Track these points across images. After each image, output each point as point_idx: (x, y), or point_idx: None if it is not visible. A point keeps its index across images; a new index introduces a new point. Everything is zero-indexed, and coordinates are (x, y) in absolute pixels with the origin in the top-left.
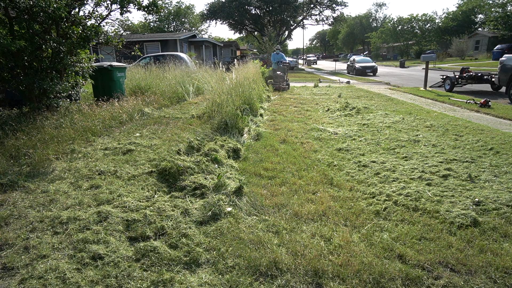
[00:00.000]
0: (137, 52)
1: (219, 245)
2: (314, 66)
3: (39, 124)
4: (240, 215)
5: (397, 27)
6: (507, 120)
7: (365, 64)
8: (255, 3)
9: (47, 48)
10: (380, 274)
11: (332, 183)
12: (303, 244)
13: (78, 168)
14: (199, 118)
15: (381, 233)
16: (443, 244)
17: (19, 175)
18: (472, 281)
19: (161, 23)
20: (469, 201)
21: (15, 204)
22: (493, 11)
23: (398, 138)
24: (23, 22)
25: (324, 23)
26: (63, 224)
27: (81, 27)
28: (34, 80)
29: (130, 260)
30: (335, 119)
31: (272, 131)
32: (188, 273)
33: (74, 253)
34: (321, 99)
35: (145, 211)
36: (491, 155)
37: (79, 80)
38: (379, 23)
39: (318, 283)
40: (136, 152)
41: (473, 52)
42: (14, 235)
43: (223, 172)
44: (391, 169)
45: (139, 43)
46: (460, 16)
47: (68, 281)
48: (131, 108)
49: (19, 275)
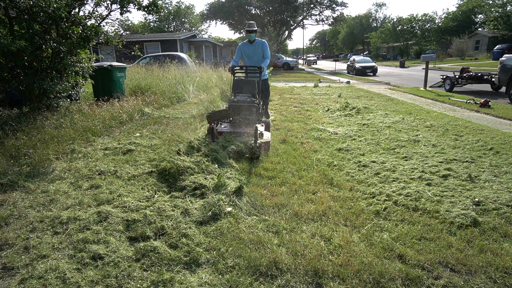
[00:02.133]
0: (137, 52)
1: (219, 245)
2: (314, 66)
3: (39, 124)
4: (240, 215)
5: (397, 27)
6: (507, 120)
7: (365, 64)
8: (255, 3)
9: (47, 48)
10: (380, 274)
11: (332, 183)
12: (303, 244)
13: (78, 168)
14: (199, 118)
15: (381, 233)
16: (443, 244)
17: (19, 175)
18: (472, 281)
19: (161, 23)
20: (469, 201)
21: (15, 204)
22: (493, 11)
23: (398, 138)
24: (23, 22)
25: (324, 23)
26: (63, 224)
27: (81, 27)
28: (34, 80)
29: (130, 260)
30: (335, 119)
31: (272, 131)
32: (188, 273)
33: (74, 253)
34: (321, 99)
35: (145, 211)
36: (491, 155)
37: (79, 80)
38: (379, 23)
39: (318, 283)
40: (136, 152)
41: (473, 52)
42: (14, 235)
43: (223, 172)
44: (391, 169)
45: (139, 43)
46: (460, 16)
47: (68, 281)
48: (131, 108)
49: (19, 275)
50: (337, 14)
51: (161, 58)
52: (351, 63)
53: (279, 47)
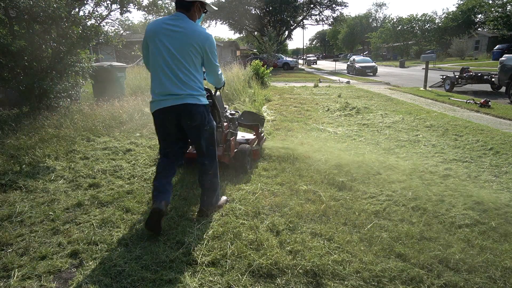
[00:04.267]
0: (137, 52)
1: (219, 245)
2: (314, 66)
3: (39, 124)
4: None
5: (397, 27)
6: (507, 120)
7: (365, 64)
8: (255, 3)
9: (47, 48)
10: (380, 274)
11: (332, 183)
12: (303, 244)
13: (78, 168)
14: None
15: (381, 233)
16: (443, 244)
17: (19, 175)
18: (472, 281)
19: None
20: (469, 201)
21: (15, 204)
22: (493, 11)
23: (398, 138)
24: (23, 22)
25: (324, 23)
26: (63, 224)
27: (81, 27)
28: (34, 80)
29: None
30: (335, 119)
31: (272, 131)
32: (188, 273)
33: (74, 254)
34: (321, 99)
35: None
36: (491, 155)
37: (79, 80)
38: (379, 23)
39: (318, 282)
40: (136, 152)
41: (473, 52)
42: (14, 235)
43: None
44: (391, 169)
45: (139, 43)
46: (460, 16)
47: (69, 281)
48: (131, 108)
49: (19, 275)
50: (337, 14)
51: None
52: (351, 63)
53: (279, 47)
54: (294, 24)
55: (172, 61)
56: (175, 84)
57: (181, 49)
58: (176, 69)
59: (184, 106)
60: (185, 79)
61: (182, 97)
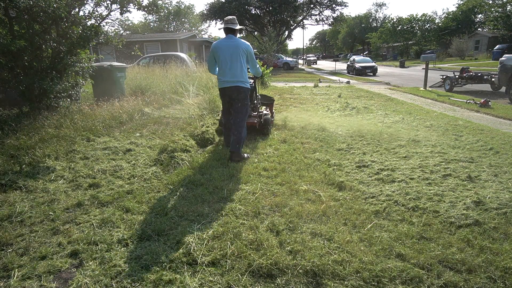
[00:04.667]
0: (137, 52)
1: (219, 245)
2: (314, 66)
3: (39, 124)
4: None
5: (397, 27)
6: (507, 120)
7: (365, 64)
8: (255, 3)
9: (47, 48)
10: (380, 274)
11: (332, 183)
12: (303, 244)
13: (78, 168)
14: (199, 118)
15: (381, 232)
16: (443, 244)
17: (19, 175)
18: (472, 281)
19: (161, 23)
20: (469, 201)
21: (15, 204)
22: (493, 11)
23: (398, 138)
24: (23, 22)
25: (324, 23)
26: (63, 224)
27: (81, 27)
28: (34, 80)
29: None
30: (335, 119)
31: (272, 131)
32: (188, 273)
33: (74, 254)
34: (321, 99)
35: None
36: (491, 155)
37: (79, 80)
38: (379, 23)
39: (318, 282)
40: (136, 152)
41: (473, 52)
42: (14, 235)
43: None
44: (391, 169)
45: (139, 43)
46: (460, 16)
47: (69, 281)
48: (131, 108)
49: (19, 275)
50: (337, 14)
51: (161, 58)
52: (351, 63)
53: (279, 47)
54: (294, 24)
55: (230, 61)
56: (232, 75)
57: (235, 54)
58: (233, 66)
59: (235, 87)
60: (237, 72)
61: (234, 82)
